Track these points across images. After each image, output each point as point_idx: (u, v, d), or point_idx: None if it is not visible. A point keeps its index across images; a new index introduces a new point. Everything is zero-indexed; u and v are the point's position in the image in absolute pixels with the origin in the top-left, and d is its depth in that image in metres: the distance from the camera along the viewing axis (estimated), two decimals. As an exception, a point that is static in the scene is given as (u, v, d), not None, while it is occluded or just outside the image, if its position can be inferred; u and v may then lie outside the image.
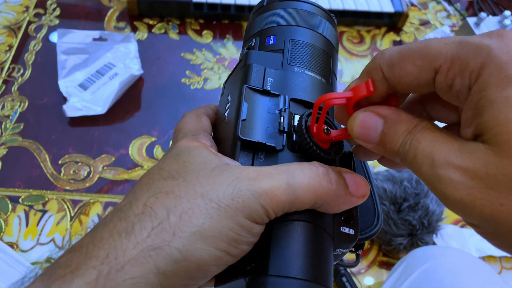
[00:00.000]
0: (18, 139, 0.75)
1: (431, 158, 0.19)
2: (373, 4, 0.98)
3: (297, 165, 0.22)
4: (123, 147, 0.77)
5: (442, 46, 0.19)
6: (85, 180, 0.72)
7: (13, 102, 0.80)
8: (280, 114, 0.25)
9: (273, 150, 0.24)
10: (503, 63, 0.18)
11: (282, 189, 0.21)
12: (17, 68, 0.84)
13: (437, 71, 0.20)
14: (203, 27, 0.95)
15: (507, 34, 0.19)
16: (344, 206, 0.23)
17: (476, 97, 0.19)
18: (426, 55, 0.20)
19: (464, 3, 1.12)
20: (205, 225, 0.20)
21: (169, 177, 0.22)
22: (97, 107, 0.77)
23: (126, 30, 0.92)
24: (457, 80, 0.19)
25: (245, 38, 0.33)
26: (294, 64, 0.28)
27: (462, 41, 0.19)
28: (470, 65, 0.18)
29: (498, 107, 0.18)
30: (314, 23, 0.31)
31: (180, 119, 0.28)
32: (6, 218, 0.67)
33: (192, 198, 0.20)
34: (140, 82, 0.85)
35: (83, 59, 0.83)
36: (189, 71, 0.88)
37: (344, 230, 0.24)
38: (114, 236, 0.20)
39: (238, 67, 0.29)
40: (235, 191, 0.20)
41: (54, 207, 0.69)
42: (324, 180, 0.22)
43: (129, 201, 0.21)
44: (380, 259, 0.70)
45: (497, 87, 0.18)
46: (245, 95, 0.25)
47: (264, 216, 0.21)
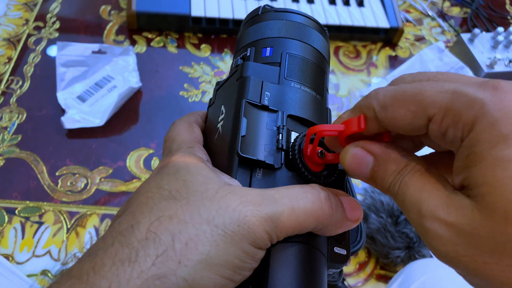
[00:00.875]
0: (16, 151, 0.75)
1: (418, 207, 0.20)
2: (369, 19, 1.00)
3: (299, 189, 0.22)
4: (120, 159, 0.77)
5: (437, 94, 0.19)
6: (82, 192, 0.72)
7: (11, 114, 0.80)
8: (278, 131, 0.25)
9: (271, 168, 0.24)
10: (496, 120, 0.18)
11: (286, 214, 0.21)
12: (15, 80, 0.85)
13: (430, 119, 0.20)
14: (201, 41, 0.96)
15: (502, 87, 0.18)
16: (340, 230, 0.23)
17: (467, 151, 0.19)
18: (420, 102, 0.20)
19: (458, 19, 1.14)
20: (211, 252, 0.19)
21: (170, 197, 0.21)
22: (95, 119, 0.78)
23: (125, 43, 0.93)
24: (450, 130, 0.19)
25: (238, 46, 0.33)
26: (291, 79, 0.28)
27: (457, 91, 0.19)
28: (463, 118, 0.19)
29: (487, 166, 0.18)
30: (309, 37, 0.31)
31: (171, 128, 0.28)
32: (2, 229, 0.67)
33: (198, 224, 0.20)
34: (139, 95, 0.85)
35: (82, 71, 0.84)
36: (187, 84, 0.89)
37: (337, 250, 0.25)
38: (117, 264, 0.19)
39: (233, 77, 0.28)
40: (240, 217, 0.20)
41: (51, 219, 0.69)
42: (325, 205, 0.22)
43: (130, 225, 0.20)
44: (377, 272, 0.70)
45: (488, 144, 0.18)
46: (244, 110, 0.25)
47: (268, 241, 0.21)
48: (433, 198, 0.19)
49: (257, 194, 0.21)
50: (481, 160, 0.18)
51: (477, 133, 0.18)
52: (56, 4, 0.99)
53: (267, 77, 0.27)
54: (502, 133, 0.17)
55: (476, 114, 0.18)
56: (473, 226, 0.18)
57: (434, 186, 0.20)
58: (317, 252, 0.23)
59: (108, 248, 0.20)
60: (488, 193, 0.18)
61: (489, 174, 0.18)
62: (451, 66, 0.92)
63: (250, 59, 0.29)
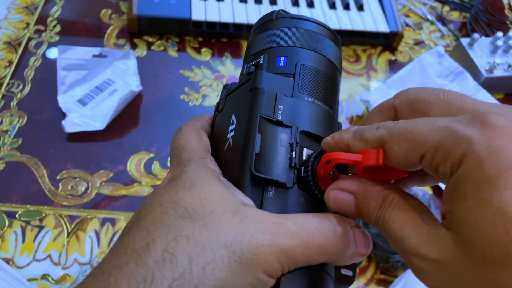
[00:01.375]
0: (16, 154, 0.75)
1: (402, 244, 0.20)
2: (369, 24, 1.00)
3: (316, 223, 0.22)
4: (121, 163, 0.77)
5: (428, 132, 0.20)
6: (83, 195, 0.72)
7: (11, 117, 0.80)
8: (291, 149, 0.25)
9: (284, 186, 0.24)
10: (482, 159, 0.18)
11: (301, 249, 0.21)
12: (16, 83, 0.85)
13: (423, 156, 0.20)
14: (202, 45, 0.96)
15: (489, 123, 0.18)
16: (348, 262, 0.24)
17: (453, 186, 0.19)
18: (412, 140, 0.20)
19: (457, 24, 1.15)
20: (228, 279, 0.19)
21: (186, 215, 0.21)
22: (96, 123, 0.78)
23: (126, 47, 0.93)
24: (441, 166, 0.19)
25: (250, 52, 0.32)
26: (305, 92, 0.27)
27: (447, 128, 0.19)
28: (452, 156, 0.19)
29: (470, 205, 0.18)
30: (323, 47, 0.30)
31: (178, 135, 0.27)
32: (2, 233, 0.66)
33: (216, 248, 0.20)
34: (139, 99, 0.85)
35: (83, 75, 0.84)
36: (187, 88, 0.89)
37: (344, 272, 0.25)
38: (132, 285, 0.18)
39: (245, 85, 0.28)
40: (258, 245, 0.20)
41: (51, 223, 0.68)
42: (340, 242, 0.22)
43: (145, 243, 0.20)
44: (377, 277, 0.70)
45: (472, 184, 0.18)
46: (259, 125, 0.24)
47: (279, 271, 0.21)
48: (414, 235, 0.20)
49: (274, 223, 0.21)
50: (465, 199, 0.18)
51: (464, 171, 0.18)
52: (57, 7, 0.99)
53: (281, 89, 0.27)
54: (487, 174, 0.18)
55: (464, 153, 0.18)
56: (454, 263, 0.18)
57: (415, 222, 0.20)
58: (324, 275, 0.24)
59: (122, 267, 0.19)
60: (468, 232, 0.18)
61: (470, 214, 0.18)
62: (450, 71, 0.93)
63: (263, 67, 0.29)
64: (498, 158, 0.18)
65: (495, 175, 0.17)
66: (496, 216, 0.17)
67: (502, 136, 0.18)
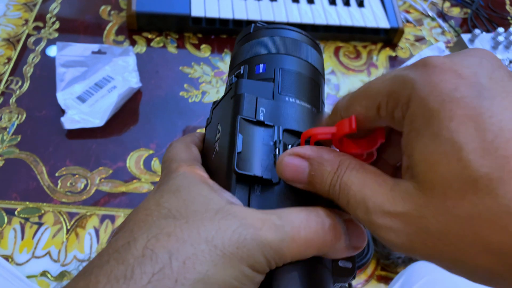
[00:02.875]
0: (15, 151, 0.75)
1: (364, 204, 0.20)
2: (369, 20, 1.00)
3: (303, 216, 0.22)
4: (120, 159, 0.76)
5: (380, 83, 0.21)
6: (82, 192, 0.72)
7: (10, 114, 0.79)
8: (275, 146, 0.25)
9: (269, 183, 0.24)
10: (426, 95, 0.18)
11: (287, 243, 0.20)
12: (15, 80, 0.84)
13: (379, 108, 0.21)
14: (201, 41, 0.96)
15: (430, 63, 0.19)
16: (342, 255, 0.23)
17: (407, 128, 0.19)
18: (368, 94, 0.21)
19: (458, 20, 1.14)
20: (209, 272, 0.19)
21: (169, 216, 0.21)
22: (95, 120, 0.77)
23: (125, 43, 0.93)
24: (395, 112, 0.20)
25: (232, 65, 0.33)
26: (285, 94, 0.28)
27: (396, 75, 0.20)
28: (401, 99, 0.19)
29: (425, 142, 0.18)
30: (301, 52, 0.31)
31: (168, 149, 0.28)
32: (1, 230, 0.66)
33: (196, 243, 0.19)
34: (138, 95, 0.85)
35: (82, 72, 0.84)
36: (187, 85, 0.89)
37: (342, 264, 0.24)
38: (112, 281, 0.18)
39: (227, 95, 0.28)
40: (240, 239, 0.20)
41: (50, 219, 0.68)
42: (328, 235, 0.22)
43: (127, 242, 0.20)
44: (378, 274, 0.70)
45: (422, 119, 0.18)
46: (239, 127, 0.25)
47: (266, 267, 0.20)
48: (378, 193, 0.20)
49: (258, 218, 0.21)
50: (418, 136, 0.19)
51: (412, 110, 0.19)
52: (56, 4, 0.99)
53: (261, 93, 0.27)
54: (431, 108, 0.18)
55: (410, 93, 0.19)
56: (419, 210, 0.18)
57: (375, 180, 0.20)
58: (320, 267, 0.23)
59: (103, 265, 0.19)
60: (426, 171, 0.18)
61: (425, 152, 0.18)
62: (451, 67, 0.92)
63: (244, 76, 0.30)
64: (440, 91, 0.18)
65: (439, 108, 0.18)
66: (447, 146, 0.17)
67: (442, 72, 0.19)
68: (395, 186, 0.19)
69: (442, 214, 0.17)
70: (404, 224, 0.19)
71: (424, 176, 0.18)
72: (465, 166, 0.17)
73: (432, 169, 0.18)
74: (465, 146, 0.17)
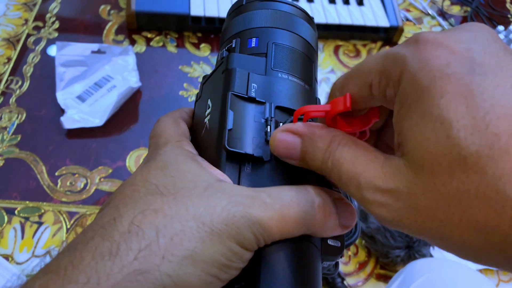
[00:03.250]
0: (15, 151, 0.75)
1: (356, 180, 0.20)
2: (369, 18, 1.00)
3: (292, 194, 0.21)
4: (120, 159, 0.77)
5: (372, 62, 0.20)
6: (82, 192, 0.72)
7: (10, 114, 0.80)
8: (266, 123, 0.24)
9: (260, 161, 0.23)
10: (416, 71, 0.18)
11: (275, 221, 0.20)
12: (15, 80, 0.85)
13: (371, 86, 0.20)
14: (201, 41, 0.96)
15: (422, 38, 0.19)
16: (331, 233, 0.23)
17: (398, 106, 0.19)
18: (360, 73, 0.21)
19: (458, 18, 1.14)
20: (197, 249, 0.19)
21: (156, 192, 0.21)
22: (95, 119, 0.78)
23: (125, 43, 0.93)
24: (387, 90, 0.20)
25: (223, 38, 0.32)
26: (278, 69, 0.27)
27: (387, 53, 0.20)
28: (392, 76, 0.19)
29: (415, 119, 0.18)
30: (295, 26, 0.30)
31: (156, 124, 0.27)
32: (1, 230, 0.67)
33: (184, 220, 0.19)
34: (138, 95, 0.85)
35: (82, 71, 0.84)
36: (186, 84, 0.89)
37: (331, 242, 0.24)
38: (97, 258, 0.18)
39: (218, 69, 0.27)
40: (229, 216, 0.20)
41: (50, 219, 0.68)
42: (318, 214, 0.22)
43: (112, 218, 0.20)
44: (377, 272, 0.70)
45: (412, 96, 0.18)
46: (230, 103, 0.24)
47: (255, 244, 0.20)
48: (369, 169, 0.20)
49: (248, 195, 0.21)
50: (408, 113, 0.18)
51: (403, 86, 0.19)
52: (56, 3, 0.99)
53: (253, 69, 0.27)
54: (422, 85, 0.18)
55: (401, 70, 0.19)
56: (409, 187, 0.18)
57: (367, 157, 0.20)
58: (310, 246, 0.23)
59: (88, 241, 0.19)
60: (416, 149, 0.18)
61: (415, 129, 0.18)
62: (451, 65, 0.92)
63: (235, 50, 0.29)
64: (430, 67, 0.18)
65: (430, 84, 0.18)
66: (437, 124, 0.17)
67: (434, 47, 0.18)
68: (386, 162, 0.19)
69: (430, 192, 0.17)
70: (394, 200, 0.19)
71: (414, 153, 0.18)
72: (454, 144, 0.17)
73: (421, 147, 0.18)
74: (454, 123, 0.17)
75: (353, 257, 0.71)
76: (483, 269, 0.71)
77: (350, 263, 0.70)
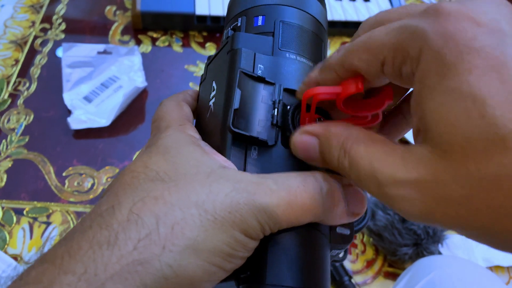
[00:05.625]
0: (23, 152, 0.76)
1: (375, 177, 0.18)
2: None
3: (299, 181, 0.20)
4: (127, 158, 0.77)
5: (384, 36, 0.18)
6: (89, 192, 0.72)
7: (18, 115, 0.80)
8: (274, 106, 0.23)
9: (265, 145, 0.22)
10: (440, 47, 0.16)
11: (282, 209, 0.19)
12: (23, 82, 0.85)
13: (383, 63, 0.19)
14: (206, 40, 0.96)
15: (442, 9, 0.17)
16: (340, 221, 0.22)
17: (418, 86, 0.17)
18: (369, 48, 0.19)
19: (467, 12, 1.13)
20: (199, 238, 0.18)
21: (157, 178, 0.20)
22: (102, 120, 0.78)
23: (131, 43, 0.94)
24: (403, 68, 0.18)
25: (228, 17, 0.30)
26: (285, 49, 0.26)
27: (403, 25, 0.18)
28: (410, 53, 0.18)
29: (440, 100, 0.16)
30: (304, 3, 0.28)
31: (159, 107, 0.26)
32: (10, 230, 0.67)
33: (186, 207, 0.18)
34: (144, 95, 0.85)
35: (88, 72, 0.84)
36: (192, 83, 0.89)
37: (339, 231, 0.23)
38: (94, 247, 0.17)
39: (223, 49, 0.26)
40: (232, 204, 0.19)
41: (58, 219, 0.69)
42: (326, 201, 0.21)
43: (111, 206, 0.19)
44: (385, 270, 0.69)
45: (436, 75, 0.17)
46: (238, 81, 0.23)
47: (260, 232, 0.19)
48: (388, 163, 0.18)
49: (253, 182, 0.20)
50: (433, 95, 0.17)
51: (424, 65, 0.17)
52: (62, 5, 1.00)
53: (259, 48, 0.25)
54: (448, 61, 0.16)
55: (421, 46, 0.17)
56: (436, 175, 0.16)
57: (384, 151, 0.18)
58: (318, 234, 0.22)
59: (85, 230, 0.18)
60: (444, 132, 0.16)
61: (442, 110, 0.16)
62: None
63: (241, 29, 0.27)
64: (456, 42, 0.16)
65: (457, 60, 0.16)
66: (468, 102, 0.15)
67: (458, 20, 0.17)
68: (405, 152, 0.18)
69: (463, 178, 0.16)
70: (420, 192, 0.17)
71: (440, 138, 0.16)
72: (490, 123, 0.15)
73: (450, 130, 0.16)
74: (488, 100, 0.15)
75: (360, 255, 0.70)
76: (493, 266, 0.70)
77: (358, 261, 0.70)
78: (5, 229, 0.67)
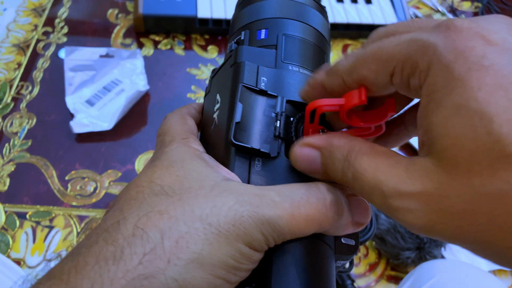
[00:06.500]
0: (26, 156, 0.76)
1: (379, 189, 0.18)
2: (377, 16, 0.99)
3: (303, 192, 0.21)
4: (129, 162, 0.77)
5: (394, 47, 0.19)
6: (92, 195, 0.72)
7: (21, 119, 0.81)
8: (276, 118, 0.23)
9: (268, 156, 0.23)
10: (449, 62, 0.17)
11: (285, 220, 0.19)
12: (25, 85, 0.86)
13: (392, 74, 0.19)
14: (208, 43, 0.96)
15: (454, 26, 0.17)
16: (344, 232, 0.22)
17: (425, 99, 0.18)
18: (379, 59, 0.19)
19: (469, 14, 1.12)
20: (204, 252, 0.18)
21: (161, 193, 0.20)
22: (104, 123, 0.78)
23: (133, 46, 0.94)
24: (411, 80, 0.18)
25: (232, 30, 0.31)
26: (288, 62, 0.26)
27: (414, 38, 0.18)
28: (419, 66, 0.18)
29: (447, 114, 0.17)
30: (306, 16, 0.29)
31: (163, 122, 0.26)
32: (13, 234, 0.67)
33: (190, 221, 0.19)
34: (146, 98, 0.86)
35: (90, 75, 0.85)
36: (194, 86, 0.89)
37: (344, 241, 0.23)
38: (100, 262, 0.18)
39: (227, 63, 0.27)
40: (236, 217, 0.19)
41: (61, 223, 0.69)
42: (330, 212, 0.21)
43: (116, 221, 0.19)
44: (388, 273, 0.69)
45: (444, 89, 0.17)
46: (240, 95, 0.23)
47: (264, 244, 0.20)
48: (392, 175, 0.18)
49: (256, 194, 0.20)
50: (439, 107, 0.17)
51: (433, 78, 0.17)
52: (64, 9, 1.00)
53: (263, 61, 0.25)
54: (456, 77, 0.16)
55: (430, 59, 0.17)
56: (440, 188, 0.17)
57: (388, 163, 0.19)
58: (322, 245, 0.22)
59: (92, 246, 0.18)
60: (448, 146, 0.16)
61: (448, 125, 0.16)
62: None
63: (244, 43, 0.28)
64: (466, 58, 0.16)
65: (465, 76, 0.16)
66: (475, 119, 0.16)
67: (469, 37, 0.17)
68: (410, 164, 0.18)
69: (467, 193, 0.16)
70: (423, 204, 0.17)
71: (446, 151, 0.16)
72: (496, 140, 0.15)
73: (455, 144, 0.16)
74: (495, 117, 0.15)
75: (363, 258, 0.70)
76: (495, 270, 0.70)
77: (361, 264, 0.70)
78: (8, 233, 0.67)
